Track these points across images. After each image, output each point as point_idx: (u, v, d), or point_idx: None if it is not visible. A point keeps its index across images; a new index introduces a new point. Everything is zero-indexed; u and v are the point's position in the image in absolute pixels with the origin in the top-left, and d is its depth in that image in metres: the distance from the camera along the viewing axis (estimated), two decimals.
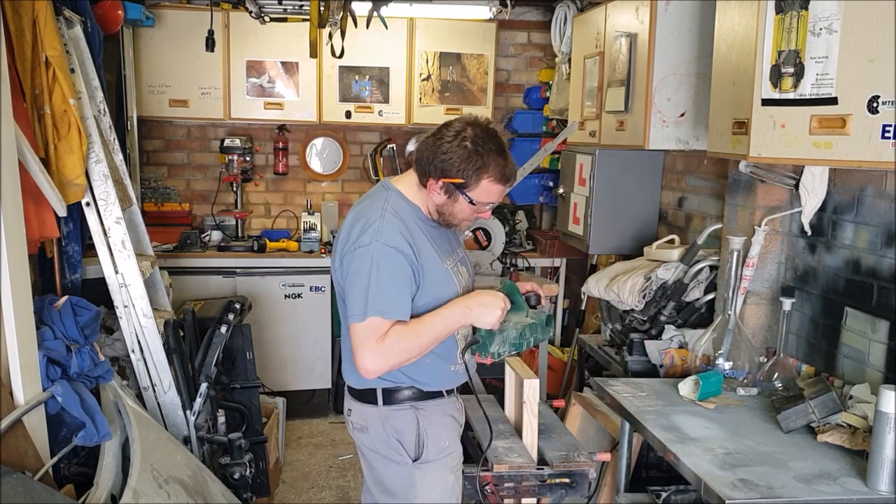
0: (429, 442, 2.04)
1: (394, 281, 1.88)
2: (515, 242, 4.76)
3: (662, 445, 1.96)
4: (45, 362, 2.16)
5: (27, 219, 2.17)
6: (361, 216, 1.96)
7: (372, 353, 1.86)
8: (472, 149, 1.90)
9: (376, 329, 1.86)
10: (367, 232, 1.90)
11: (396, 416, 2.03)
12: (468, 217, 2.03)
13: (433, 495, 2.03)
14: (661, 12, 2.94)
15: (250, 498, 3.04)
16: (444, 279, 2.02)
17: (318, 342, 4.43)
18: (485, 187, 1.94)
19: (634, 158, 3.40)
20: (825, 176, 2.33)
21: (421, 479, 2.03)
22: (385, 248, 1.88)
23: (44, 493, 1.86)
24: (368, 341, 1.86)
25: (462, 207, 1.99)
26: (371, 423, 2.05)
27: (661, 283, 2.85)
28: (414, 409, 2.04)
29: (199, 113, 4.44)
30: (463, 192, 1.95)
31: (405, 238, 1.91)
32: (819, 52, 1.87)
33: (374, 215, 1.93)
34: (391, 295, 1.87)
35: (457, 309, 1.94)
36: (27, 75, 2.41)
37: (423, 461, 2.04)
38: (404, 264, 1.89)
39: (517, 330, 1.98)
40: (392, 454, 2.04)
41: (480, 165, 1.91)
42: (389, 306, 1.87)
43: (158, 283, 3.19)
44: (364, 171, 4.96)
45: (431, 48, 4.53)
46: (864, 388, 2.06)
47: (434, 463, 2.05)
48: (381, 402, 2.03)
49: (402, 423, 2.03)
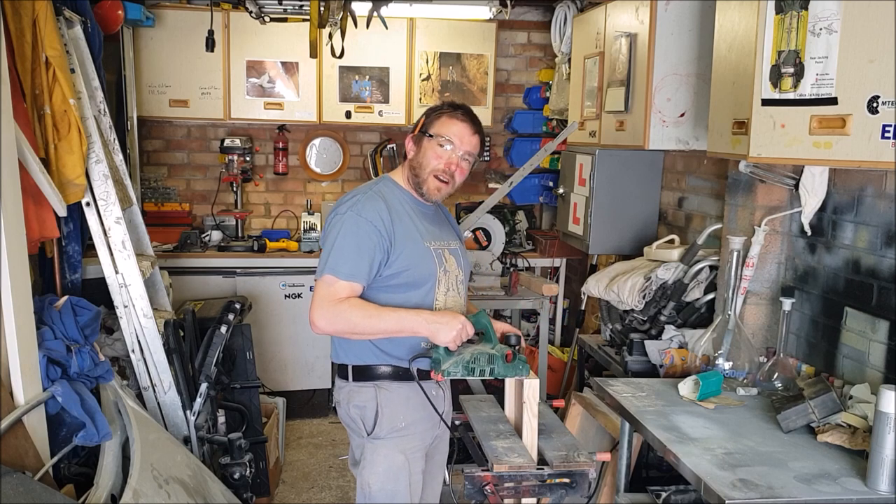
0: (383, 420, 2.14)
1: (356, 247, 2.04)
2: (515, 242, 4.76)
3: (662, 445, 1.96)
4: (45, 362, 2.16)
5: (27, 219, 2.17)
6: (351, 194, 2.17)
7: (322, 311, 2.01)
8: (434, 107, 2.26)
9: (332, 289, 2.02)
10: (346, 203, 2.12)
11: (360, 392, 2.16)
12: (438, 163, 2.16)
13: (378, 471, 2.13)
14: (661, 12, 2.94)
15: (250, 498, 3.04)
16: (421, 255, 2.14)
17: (318, 342, 4.43)
18: (443, 122, 2.17)
19: (634, 158, 3.41)
20: (825, 176, 2.33)
21: (371, 454, 2.15)
22: (356, 216, 2.07)
23: (44, 493, 1.86)
24: (325, 300, 2.01)
25: (427, 151, 2.16)
26: (342, 397, 2.20)
27: (661, 283, 2.85)
28: (375, 388, 2.14)
29: (199, 113, 4.44)
30: (426, 132, 2.17)
31: (379, 213, 2.08)
32: (819, 52, 1.87)
33: (360, 193, 2.15)
34: (349, 258, 2.04)
35: (415, 317, 2.05)
36: (27, 75, 2.41)
37: (374, 437, 2.15)
38: (371, 234, 2.05)
39: (472, 355, 2.05)
40: (354, 427, 2.19)
41: (436, 109, 2.23)
42: (344, 267, 2.03)
43: (158, 283, 3.19)
44: (364, 171, 4.96)
45: (431, 48, 4.54)
46: (864, 388, 2.06)
47: (385, 440, 2.14)
48: (351, 378, 2.17)
49: (363, 398, 2.15)
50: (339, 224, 2.08)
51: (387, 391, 2.15)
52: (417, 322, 2.04)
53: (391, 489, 2.13)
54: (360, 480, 2.17)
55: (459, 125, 2.17)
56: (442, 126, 2.17)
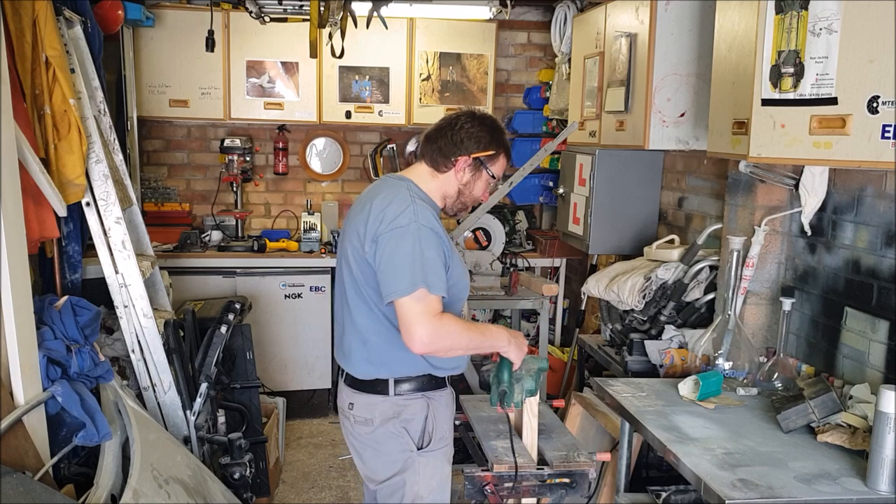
0: (436, 430, 2.10)
1: (434, 258, 1.93)
2: (515, 242, 4.76)
3: (662, 445, 1.96)
4: (45, 362, 2.16)
5: (27, 219, 2.17)
6: (390, 201, 2.00)
7: (427, 328, 1.87)
8: (494, 126, 2.12)
9: (428, 303, 1.88)
10: (403, 214, 1.95)
11: (408, 406, 2.07)
12: (481, 196, 2.18)
13: (433, 484, 2.09)
14: (661, 12, 2.94)
15: (250, 498, 3.04)
16: (463, 269, 2.12)
17: (317, 342, 4.43)
18: (500, 162, 2.14)
19: (634, 158, 3.40)
20: (825, 176, 2.33)
21: (423, 467, 2.08)
22: (424, 227, 1.94)
23: (44, 493, 1.86)
24: (425, 316, 1.87)
25: (481, 184, 2.14)
26: (378, 414, 2.07)
27: (661, 283, 2.85)
28: (425, 399, 2.09)
29: (199, 113, 4.44)
30: (486, 167, 2.11)
31: (437, 223, 2.01)
32: (819, 52, 1.87)
33: (404, 200, 1.99)
34: (434, 270, 1.92)
35: (497, 331, 2.05)
36: (27, 75, 2.41)
37: (427, 450, 2.09)
38: (439, 245, 1.97)
39: (532, 378, 2.12)
40: (395, 443, 2.07)
41: (502, 140, 2.13)
42: (433, 280, 1.90)
43: (158, 283, 3.19)
44: (364, 171, 4.96)
45: (431, 48, 4.54)
46: (864, 388, 2.06)
47: (436, 451, 2.11)
48: (393, 391, 2.06)
49: (413, 411, 2.07)
50: (409, 237, 1.92)
51: (435, 402, 2.11)
52: (500, 336, 2.04)
53: (440, 499, 2.12)
54: (407, 492, 2.07)
55: (506, 164, 2.18)
56: (499, 167, 2.14)
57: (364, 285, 2.02)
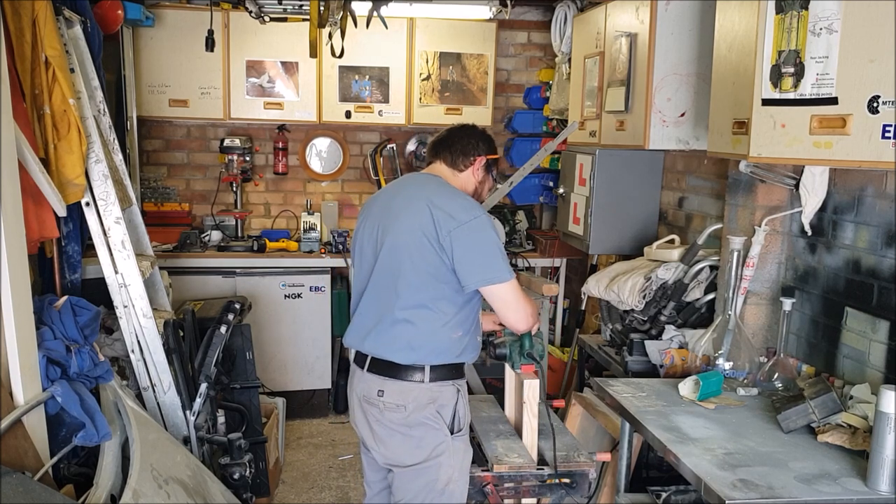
0: (464, 416, 2.21)
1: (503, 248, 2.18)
2: (515, 242, 4.75)
3: (662, 445, 1.96)
4: (45, 362, 2.16)
5: (27, 219, 2.17)
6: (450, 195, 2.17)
7: (530, 305, 2.16)
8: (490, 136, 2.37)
9: (518, 288, 2.15)
10: (468, 208, 2.12)
11: (442, 391, 2.16)
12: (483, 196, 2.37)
13: (465, 465, 2.18)
14: (661, 12, 2.94)
15: (250, 498, 3.04)
16: None
17: (317, 342, 4.43)
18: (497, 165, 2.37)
19: (634, 158, 3.40)
20: (825, 176, 2.33)
21: (454, 450, 2.16)
22: (489, 218, 2.15)
23: (44, 493, 1.86)
24: (523, 300, 2.16)
25: (487, 184, 2.35)
26: (411, 400, 2.13)
27: (661, 283, 2.85)
28: (455, 386, 2.20)
29: (199, 113, 4.44)
30: (492, 168, 2.33)
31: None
32: (819, 52, 1.87)
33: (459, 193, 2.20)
34: (505, 258, 2.15)
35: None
36: (27, 75, 2.41)
37: (457, 435, 2.19)
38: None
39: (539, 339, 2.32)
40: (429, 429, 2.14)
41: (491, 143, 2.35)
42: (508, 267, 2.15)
43: (158, 283, 3.19)
44: (364, 171, 4.96)
45: (431, 48, 4.53)
46: (865, 388, 2.06)
47: (464, 436, 2.21)
48: (428, 378, 2.14)
49: (446, 398, 2.17)
50: (486, 228, 2.10)
51: (462, 389, 2.23)
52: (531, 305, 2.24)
53: (466, 479, 2.20)
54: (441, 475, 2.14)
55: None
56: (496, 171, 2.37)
57: (426, 273, 2.10)
